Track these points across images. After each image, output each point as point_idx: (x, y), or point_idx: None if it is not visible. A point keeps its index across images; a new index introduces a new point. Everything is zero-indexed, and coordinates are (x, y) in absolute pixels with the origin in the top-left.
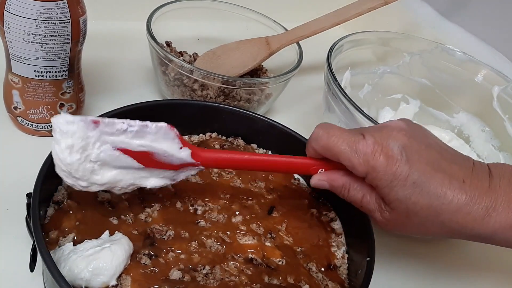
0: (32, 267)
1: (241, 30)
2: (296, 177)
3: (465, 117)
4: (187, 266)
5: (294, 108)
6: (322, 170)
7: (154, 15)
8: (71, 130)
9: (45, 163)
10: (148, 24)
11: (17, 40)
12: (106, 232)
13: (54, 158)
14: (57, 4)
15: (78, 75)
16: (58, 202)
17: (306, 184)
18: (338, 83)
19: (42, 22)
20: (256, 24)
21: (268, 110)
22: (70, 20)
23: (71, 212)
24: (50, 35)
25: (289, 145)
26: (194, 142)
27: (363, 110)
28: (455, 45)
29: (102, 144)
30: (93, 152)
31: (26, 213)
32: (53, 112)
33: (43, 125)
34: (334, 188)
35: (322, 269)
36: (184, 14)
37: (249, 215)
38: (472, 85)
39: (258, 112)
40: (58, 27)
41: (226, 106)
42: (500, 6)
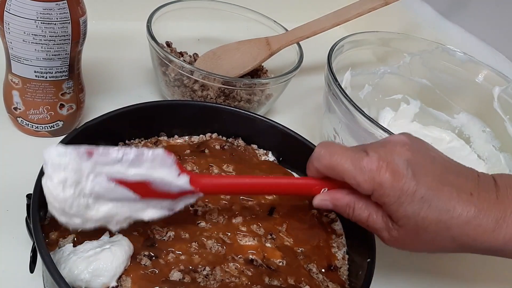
0: (32, 268)
1: (241, 31)
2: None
3: (465, 117)
4: (188, 267)
5: (294, 108)
6: (325, 190)
7: (154, 16)
8: (64, 163)
9: None
10: (148, 24)
11: (17, 40)
12: (106, 233)
13: (47, 195)
14: (57, 4)
15: (78, 76)
16: None
17: None
18: (339, 84)
19: (42, 23)
20: (256, 24)
21: (268, 111)
22: (70, 20)
23: None
24: (50, 36)
25: (289, 145)
26: (195, 142)
27: (364, 111)
28: (456, 45)
29: (96, 175)
30: (87, 185)
31: (26, 214)
32: (53, 112)
33: (43, 125)
34: (338, 208)
35: (323, 270)
36: (184, 15)
37: (249, 216)
38: (472, 85)
39: (258, 112)
40: (58, 28)
41: (226, 106)
42: (500, 6)
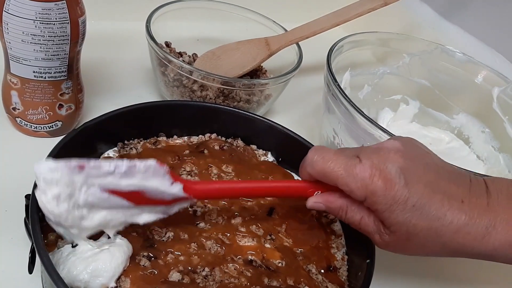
0: (30, 269)
1: (240, 31)
2: (296, 178)
3: (464, 118)
4: (187, 268)
5: (293, 109)
6: (318, 193)
7: (153, 16)
8: (56, 178)
9: None
10: (147, 24)
11: (15, 40)
12: (105, 234)
13: (43, 209)
14: (56, 4)
15: (77, 76)
16: None
17: None
18: (338, 84)
19: (41, 23)
20: (255, 24)
21: (267, 111)
22: (69, 20)
23: None
24: (49, 36)
25: (288, 146)
26: (194, 143)
27: (363, 111)
28: (455, 46)
29: (89, 187)
30: (80, 197)
31: (25, 214)
32: (52, 113)
33: (42, 126)
34: (331, 210)
35: (322, 270)
36: (183, 15)
37: (248, 217)
38: (472, 86)
39: (257, 113)
40: (57, 28)
41: (225, 107)
42: (500, 7)
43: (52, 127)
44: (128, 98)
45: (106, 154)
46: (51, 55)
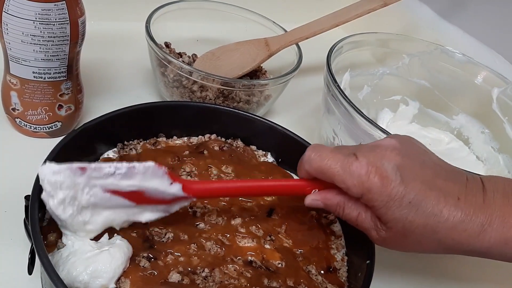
0: (30, 270)
1: (240, 31)
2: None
3: (464, 118)
4: (186, 269)
5: (293, 109)
6: (315, 190)
7: (153, 16)
8: (59, 180)
9: None
10: (147, 25)
11: (15, 41)
12: (105, 235)
13: (51, 213)
14: (55, 5)
15: (76, 77)
16: None
17: None
18: (338, 85)
19: (40, 23)
20: (255, 25)
21: (267, 112)
22: (68, 21)
23: None
24: (48, 36)
25: (288, 147)
26: (193, 143)
27: (363, 112)
28: (455, 46)
29: (91, 188)
30: (83, 197)
31: (24, 215)
32: (51, 113)
33: (42, 126)
34: (328, 207)
35: (322, 271)
36: (183, 15)
37: (248, 217)
38: (471, 86)
39: (257, 113)
40: (57, 28)
41: (225, 107)
42: (499, 8)
43: (51, 128)
44: (127, 98)
45: (105, 155)
46: (51, 56)
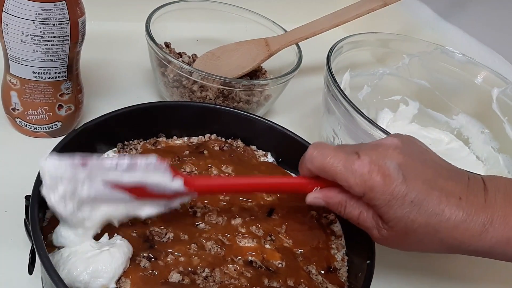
0: (30, 270)
1: (240, 31)
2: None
3: (464, 118)
4: (187, 269)
5: (293, 109)
6: (317, 188)
7: (153, 16)
8: (60, 174)
9: None
10: (147, 25)
11: (15, 41)
12: (105, 235)
13: (51, 208)
14: (56, 5)
15: (76, 76)
16: None
17: None
18: (338, 85)
19: (40, 23)
20: (255, 25)
21: (267, 112)
22: (69, 21)
23: None
24: (48, 36)
25: (288, 147)
26: (194, 143)
27: (363, 112)
28: (455, 46)
29: (92, 182)
30: (83, 191)
31: (25, 215)
32: (51, 113)
33: (42, 126)
34: (330, 205)
35: (322, 271)
36: (183, 15)
37: (248, 217)
38: (471, 87)
39: (257, 113)
40: (57, 28)
41: (225, 107)
42: (499, 8)
43: (51, 128)
44: (127, 98)
45: (105, 155)
46: (51, 56)
